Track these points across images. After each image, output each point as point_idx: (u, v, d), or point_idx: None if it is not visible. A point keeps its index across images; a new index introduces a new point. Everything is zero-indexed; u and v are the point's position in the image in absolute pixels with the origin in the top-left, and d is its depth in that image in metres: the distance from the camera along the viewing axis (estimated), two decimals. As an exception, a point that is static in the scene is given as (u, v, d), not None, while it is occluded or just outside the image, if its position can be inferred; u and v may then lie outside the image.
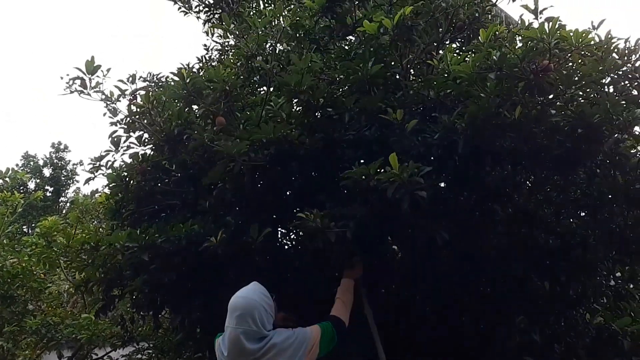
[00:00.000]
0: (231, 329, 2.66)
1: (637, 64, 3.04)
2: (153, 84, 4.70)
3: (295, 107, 3.41)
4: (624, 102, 2.92)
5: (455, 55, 3.12)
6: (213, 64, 5.31)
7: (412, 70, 3.63)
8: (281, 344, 2.65)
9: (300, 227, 2.93)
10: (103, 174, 3.85)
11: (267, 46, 3.66)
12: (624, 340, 3.21)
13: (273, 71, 3.32)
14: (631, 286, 3.79)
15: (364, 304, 3.17)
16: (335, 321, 2.88)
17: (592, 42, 2.88)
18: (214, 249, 3.02)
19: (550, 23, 2.73)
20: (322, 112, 3.32)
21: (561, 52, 2.82)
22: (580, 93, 3.00)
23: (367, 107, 3.16)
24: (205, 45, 5.51)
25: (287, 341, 2.67)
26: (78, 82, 3.44)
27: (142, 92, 3.59)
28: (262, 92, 3.58)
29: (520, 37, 2.90)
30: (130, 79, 3.60)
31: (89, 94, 3.48)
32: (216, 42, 5.38)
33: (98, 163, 3.84)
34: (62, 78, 3.46)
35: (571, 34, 2.77)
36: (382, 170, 2.78)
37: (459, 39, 3.84)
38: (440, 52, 3.56)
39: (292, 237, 3.89)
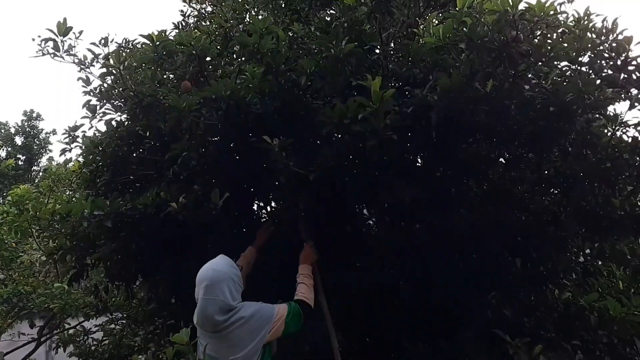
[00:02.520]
0: (200, 299, 2.72)
1: (613, 44, 3.06)
2: (128, 50, 4.60)
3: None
4: (599, 81, 2.94)
5: (434, 26, 3.09)
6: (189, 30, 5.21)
7: (392, 44, 3.61)
8: (247, 317, 2.72)
9: (262, 153, 2.89)
10: (79, 146, 3.81)
11: (246, 15, 3.60)
12: (591, 315, 3.28)
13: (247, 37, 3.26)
14: (599, 263, 3.87)
15: (319, 293, 3.19)
16: (302, 303, 2.93)
17: (554, 13, 2.84)
18: (175, 214, 3.01)
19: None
20: (283, 76, 3.20)
21: (528, 23, 2.81)
22: (552, 66, 2.99)
23: (335, 80, 3.10)
24: (181, 11, 5.39)
25: (254, 316, 2.74)
26: (50, 44, 3.35)
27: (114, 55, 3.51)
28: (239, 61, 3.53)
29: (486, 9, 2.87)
30: (103, 41, 3.50)
31: (61, 57, 3.41)
32: (193, 8, 5.27)
33: (73, 133, 3.79)
34: (33, 40, 3.36)
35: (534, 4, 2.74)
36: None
37: (440, 12, 3.80)
38: (422, 27, 3.53)
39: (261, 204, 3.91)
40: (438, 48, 2.92)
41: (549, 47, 2.92)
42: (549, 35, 3.01)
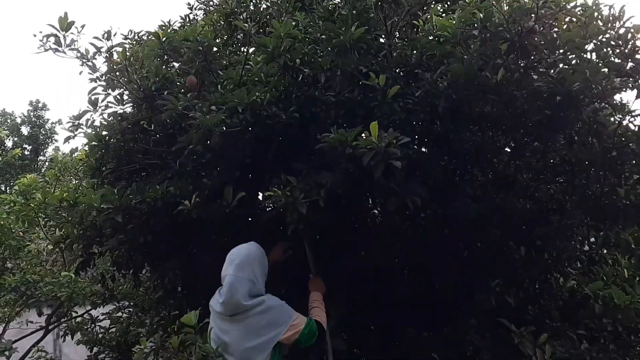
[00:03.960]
0: (229, 275, 2.77)
1: (620, 31, 3.03)
2: (134, 42, 4.59)
3: (274, 68, 3.34)
4: (605, 69, 2.91)
5: (440, 16, 3.09)
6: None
7: (397, 33, 3.60)
8: (267, 308, 2.78)
9: (272, 202, 2.90)
10: (83, 134, 3.80)
11: (250, 4, 3.59)
12: (596, 303, 3.28)
13: (251, 31, 3.28)
14: (604, 251, 3.87)
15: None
16: (318, 324, 2.96)
17: (577, 5, 2.83)
18: (188, 212, 3.02)
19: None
20: (299, 72, 3.24)
21: (547, 12, 2.79)
22: (562, 57, 2.98)
23: (344, 68, 3.09)
24: (189, 3, 5.36)
25: (273, 308, 2.80)
26: (52, 39, 3.33)
27: (119, 49, 3.51)
28: (244, 52, 3.53)
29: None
30: (106, 35, 3.49)
31: (64, 52, 3.38)
32: (199, 2, 5.24)
33: (77, 122, 3.79)
34: (35, 36, 3.34)
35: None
36: (362, 136, 2.69)
37: (446, 1, 3.78)
38: (426, 14, 3.51)
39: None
40: (448, 40, 2.91)
41: (561, 40, 2.90)
42: (564, 27, 2.98)
